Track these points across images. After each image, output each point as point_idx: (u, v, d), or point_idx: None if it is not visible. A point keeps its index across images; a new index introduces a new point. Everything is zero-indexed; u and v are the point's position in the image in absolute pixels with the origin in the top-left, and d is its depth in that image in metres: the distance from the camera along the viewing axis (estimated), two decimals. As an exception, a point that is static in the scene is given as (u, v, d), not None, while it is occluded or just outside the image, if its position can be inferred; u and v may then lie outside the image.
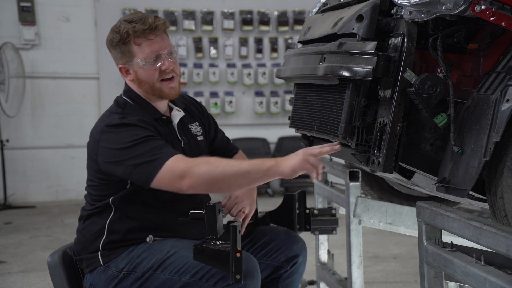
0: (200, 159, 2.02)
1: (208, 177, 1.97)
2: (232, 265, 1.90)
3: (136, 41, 2.12)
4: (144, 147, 2.01)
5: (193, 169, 1.96)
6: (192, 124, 2.32)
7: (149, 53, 2.13)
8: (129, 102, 2.20)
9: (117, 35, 2.14)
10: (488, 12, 1.70)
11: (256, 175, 1.98)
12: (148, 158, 1.99)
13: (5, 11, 7.11)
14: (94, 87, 7.31)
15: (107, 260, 2.12)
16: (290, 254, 2.29)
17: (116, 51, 2.18)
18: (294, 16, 7.69)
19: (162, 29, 2.15)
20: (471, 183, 1.74)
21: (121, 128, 2.06)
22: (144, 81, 2.16)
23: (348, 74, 1.97)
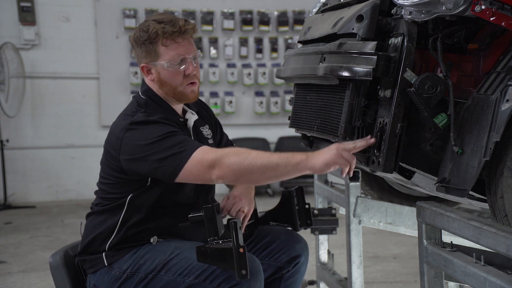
0: (229, 149, 2.03)
1: (237, 168, 1.96)
2: (236, 261, 1.89)
3: (164, 42, 2.12)
4: (170, 141, 2.01)
5: (223, 159, 1.96)
6: (203, 127, 2.33)
7: (175, 55, 2.13)
8: (150, 101, 2.19)
9: (144, 34, 2.13)
10: (488, 12, 1.70)
11: (285, 169, 1.97)
12: (175, 150, 1.99)
13: (5, 11, 7.11)
14: (94, 87, 7.31)
15: (111, 261, 2.12)
16: (292, 254, 2.29)
17: (141, 49, 2.16)
18: (294, 16, 7.70)
19: (190, 33, 2.16)
20: (471, 183, 1.74)
21: (146, 125, 2.05)
22: (166, 83, 2.16)
23: (348, 74, 1.97)
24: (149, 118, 2.07)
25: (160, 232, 2.14)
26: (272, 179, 2.04)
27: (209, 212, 2.01)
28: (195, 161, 1.98)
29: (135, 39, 2.17)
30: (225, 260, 1.93)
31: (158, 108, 2.17)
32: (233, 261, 1.90)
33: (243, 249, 1.90)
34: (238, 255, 1.90)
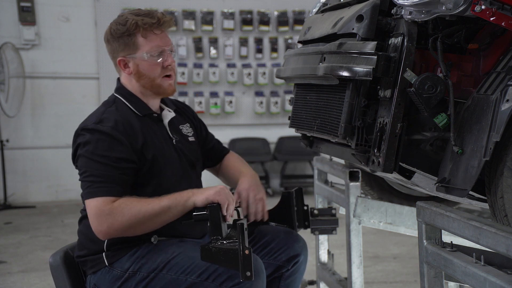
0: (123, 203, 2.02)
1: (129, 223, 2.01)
2: (241, 262, 1.89)
3: (143, 33, 2.14)
4: (97, 169, 2.04)
5: (116, 216, 2.00)
6: (183, 125, 2.35)
7: (154, 46, 2.15)
8: (119, 98, 2.22)
9: (122, 27, 2.15)
10: (488, 12, 1.70)
11: (177, 209, 2.04)
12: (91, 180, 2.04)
13: (5, 11, 7.11)
14: (94, 87, 7.32)
15: (112, 261, 2.12)
16: (292, 254, 2.29)
17: (118, 42, 2.18)
18: (294, 16, 7.70)
19: (167, 26, 2.19)
20: (471, 183, 1.74)
21: (93, 134, 2.07)
22: (144, 75, 2.18)
23: (348, 74, 1.97)
24: (97, 127, 2.08)
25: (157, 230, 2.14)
26: (165, 222, 2.07)
27: (214, 211, 2.01)
28: (93, 206, 2.03)
29: (112, 32, 2.18)
30: (230, 260, 1.93)
31: (129, 103, 2.19)
32: (238, 262, 1.90)
33: (249, 251, 1.90)
34: (243, 256, 1.90)
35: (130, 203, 2.02)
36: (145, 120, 2.20)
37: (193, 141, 2.34)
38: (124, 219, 2.00)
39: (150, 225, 2.05)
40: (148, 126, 2.19)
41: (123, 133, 2.09)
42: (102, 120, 2.11)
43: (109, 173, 2.04)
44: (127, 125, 2.12)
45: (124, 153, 2.07)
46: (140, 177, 2.13)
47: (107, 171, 2.04)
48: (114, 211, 2.01)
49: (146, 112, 2.22)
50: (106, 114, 2.14)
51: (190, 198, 2.04)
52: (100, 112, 2.17)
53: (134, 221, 2.01)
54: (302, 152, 7.24)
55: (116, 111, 2.16)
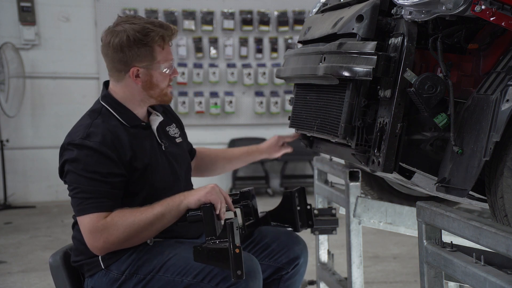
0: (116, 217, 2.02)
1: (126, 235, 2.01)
2: (231, 261, 1.89)
3: (162, 44, 2.13)
4: (84, 185, 2.04)
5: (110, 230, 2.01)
6: (169, 127, 2.33)
7: (169, 59, 2.17)
8: (106, 108, 2.18)
9: (141, 36, 2.09)
10: (488, 12, 1.70)
11: (170, 214, 2.04)
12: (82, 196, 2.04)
13: (5, 11, 7.11)
14: (94, 87, 7.31)
15: (108, 264, 2.11)
16: (292, 256, 2.28)
17: (132, 51, 2.10)
18: (294, 16, 7.69)
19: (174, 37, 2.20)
20: (471, 183, 1.74)
21: (81, 150, 2.05)
22: (156, 86, 2.16)
23: (348, 74, 1.97)
24: (85, 143, 2.05)
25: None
26: (161, 229, 2.07)
27: (207, 211, 2.01)
28: (86, 223, 2.03)
29: (129, 40, 2.08)
30: (221, 260, 1.93)
31: (117, 114, 2.16)
32: (229, 261, 1.90)
33: (239, 249, 1.90)
34: (234, 255, 1.89)
35: (123, 216, 2.02)
36: (133, 130, 2.17)
37: (180, 142, 2.33)
38: (119, 232, 2.01)
39: (146, 234, 2.05)
40: (136, 136, 2.16)
41: (111, 147, 2.07)
42: (89, 134, 2.07)
43: (100, 188, 2.03)
44: (115, 138, 2.09)
45: (113, 168, 2.06)
46: (131, 187, 2.12)
47: (98, 186, 2.03)
48: (108, 226, 2.01)
49: (134, 123, 2.18)
50: (92, 128, 2.09)
51: (183, 202, 2.04)
52: (86, 125, 2.12)
53: (130, 232, 2.02)
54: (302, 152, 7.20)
55: (103, 124, 2.11)
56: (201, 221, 2.02)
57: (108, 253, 2.11)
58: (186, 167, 2.34)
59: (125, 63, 2.12)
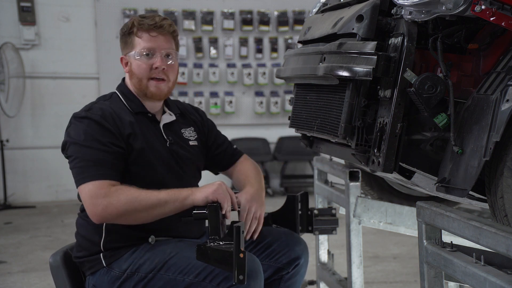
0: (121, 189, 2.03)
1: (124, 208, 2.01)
2: (235, 265, 1.89)
3: (139, 33, 2.19)
4: (85, 153, 2.06)
5: (111, 199, 2.01)
6: (186, 129, 2.35)
7: (145, 46, 2.18)
8: (116, 94, 2.27)
9: (126, 26, 2.23)
10: (488, 12, 1.70)
11: (174, 204, 2.04)
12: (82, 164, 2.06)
13: (5, 11, 7.11)
14: (94, 87, 7.32)
15: (110, 262, 2.12)
16: (292, 256, 2.28)
17: (121, 41, 2.25)
18: (294, 16, 7.70)
19: (167, 29, 2.20)
20: (471, 183, 1.74)
21: (81, 121, 2.12)
22: (134, 74, 2.22)
23: (348, 74, 1.97)
24: (87, 114, 2.13)
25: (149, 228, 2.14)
26: (159, 216, 2.07)
27: (213, 210, 2.01)
28: (88, 190, 2.03)
29: (120, 31, 2.27)
30: (224, 262, 1.93)
31: (125, 100, 2.23)
32: (232, 265, 1.90)
33: (243, 254, 1.90)
34: (237, 260, 1.89)
35: (128, 190, 2.03)
36: (138, 117, 2.22)
37: (194, 145, 2.33)
38: (120, 204, 2.00)
39: (144, 215, 2.04)
40: (140, 121, 2.21)
41: (111, 122, 2.13)
42: (92, 108, 2.16)
43: (101, 157, 2.06)
44: (116, 116, 2.16)
45: (112, 138, 2.10)
46: (129, 166, 2.14)
47: (98, 155, 2.06)
48: (110, 195, 2.01)
49: (139, 110, 2.23)
50: (97, 105, 2.19)
51: (189, 197, 2.04)
52: (92, 103, 2.23)
53: (129, 208, 2.01)
54: (302, 152, 7.24)
55: (109, 104, 2.20)
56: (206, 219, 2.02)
57: (109, 251, 2.12)
58: (193, 168, 2.33)
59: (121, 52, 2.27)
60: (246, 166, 2.45)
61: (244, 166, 2.45)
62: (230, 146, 2.48)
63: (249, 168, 2.44)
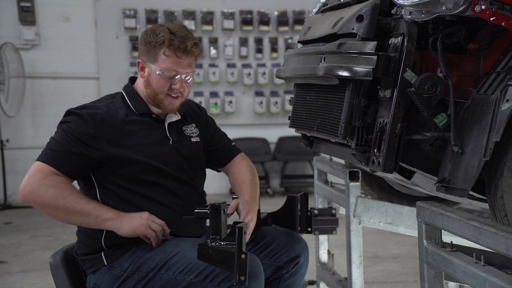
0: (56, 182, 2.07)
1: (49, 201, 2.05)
2: (236, 266, 1.89)
3: (166, 52, 2.18)
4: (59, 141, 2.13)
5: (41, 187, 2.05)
6: (187, 126, 2.36)
7: (170, 68, 2.19)
8: (121, 94, 2.28)
9: (154, 37, 2.19)
10: (488, 12, 1.70)
11: (95, 220, 2.07)
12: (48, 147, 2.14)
13: (5, 11, 7.11)
14: (94, 87, 7.31)
15: (111, 260, 2.13)
16: (292, 255, 2.28)
17: (144, 47, 2.23)
18: (294, 16, 7.69)
19: (194, 55, 2.23)
20: (471, 183, 1.74)
21: (71, 115, 2.18)
22: (151, 86, 2.23)
23: (348, 74, 1.97)
24: (77, 110, 2.18)
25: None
26: (78, 224, 2.14)
27: (215, 210, 2.01)
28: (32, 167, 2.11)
29: (144, 37, 2.24)
30: (225, 263, 1.93)
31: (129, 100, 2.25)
32: (234, 265, 1.90)
33: (245, 255, 1.90)
34: (239, 261, 1.89)
35: (62, 187, 2.06)
36: (141, 118, 2.23)
37: (196, 142, 2.34)
38: (46, 194, 2.04)
39: (63, 217, 2.09)
40: (140, 123, 2.22)
41: (98, 122, 2.14)
42: (86, 107, 2.20)
43: (66, 147, 2.11)
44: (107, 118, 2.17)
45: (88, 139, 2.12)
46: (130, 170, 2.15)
47: (64, 144, 2.11)
48: (44, 183, 2.05)
49: (143, 111, 2.24)
50: (93, 103, 2.23)
51: (112, 221, 2.07)
52: (94, 101, 2.26)
53: (52, 202, 2.05)
54: (302, 152, 7.24)
55: (107, 105, 2.22)
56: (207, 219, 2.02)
57: (111, 250, 2.14)
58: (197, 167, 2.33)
59: (139, 54, 2.28)
60: (241, 169, 2.44)
61: (240, 168, 2.44)
62: (228, 143, 2.48)
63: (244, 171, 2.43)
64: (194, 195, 2.28)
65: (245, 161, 2.48)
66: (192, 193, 2.27)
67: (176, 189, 2.22)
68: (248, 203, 2.23)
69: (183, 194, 2.23)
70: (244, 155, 2.51)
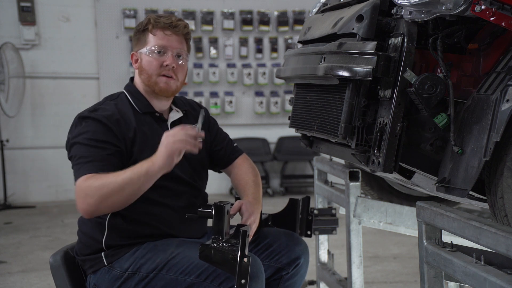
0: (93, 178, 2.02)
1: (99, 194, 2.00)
2: (238, 269, 1.89)
3: (153, 31, 2.21)
4: (86, 152, 2.07)
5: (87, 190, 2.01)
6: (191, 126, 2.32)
7: (158, 43, 2.20)
8: (124, 93, 2.28)
9: (141, 23, 2.25)
10: (488, 12, 1.70)
11: (139, 180, 2.01)
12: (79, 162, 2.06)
13: (5, 11, 7.11)
14: (94, 87, 7.32)
15: (111, 261, 2.12)
16: (292, 256, 2.28)
17: (135, 38, 2.27)
18: (294, 16, 7.70)
19: (181, 30, 2.25)
20: (471, 183, 1.74)
21: (85, 121, 2.13)
22: (144, 70, 2.23)
23: (348, 74, 1.97)
24: (91, 114, 2.13)
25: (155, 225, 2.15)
26: (133, 195, 2.05)
27: (219, 211, 2.01)
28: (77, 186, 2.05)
29: (134, 29, 2.30)
30: (227, 265, 1.92)
31: (132, 99, 2.23)
32: (235, 268, 1.89)
33: (248, 259, 1.90)
34: (241, 264, 1.89)
35: (96, 180, 2.02)
36: (145, 117, 2.23)
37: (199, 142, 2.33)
38: (93, 192, 2.00)
39: (118, 198, 2.02)
40: (146, 122, 2.21)
41: (115, 124, 2.13)
42: (97, 109, 2.17)
43: (95, 154, 2.07)
44: (121, 118, 2.16)
45: (111, 138, 2.10)
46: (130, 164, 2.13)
47: (94, 152, 2.07)
48: (86, 190, 2.02)
49: (146, 110, 2.24)
50: (103, 105, 2.20)
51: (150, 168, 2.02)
52: (99, 103, 2.25)
53: (101, 195, 2.00)
54: (302, 152, 7.24)
55: (115, 105, 2.21)
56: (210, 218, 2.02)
57: (111, 250, 2.13)
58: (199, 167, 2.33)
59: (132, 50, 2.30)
60: (244, 170, 2.44)
61: (242, 170, 2.44)
62: (230, 144, 2.48)
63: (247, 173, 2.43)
64: (196, 196, 2.28)
65: (248, 162, 2.48)
66: (194, 194, 2.27)
67: (179, 190, 2.22)
68: (252, 205, 2.23)
69: (186, 195, 2.23)
70: (246, 156, 2.51)
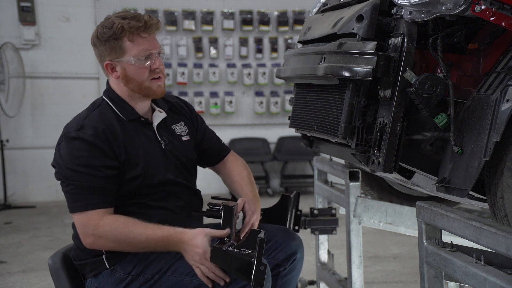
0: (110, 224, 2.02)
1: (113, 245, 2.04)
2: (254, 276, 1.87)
3: (130, 37, 2.11)
4: (80, 180, 2.04)
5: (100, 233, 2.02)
6: (176, 125, 2.31)
7: (141, 50, 2.12)
8: (105, 101, 2.19)
9: (108, 30, 2.12)
10: (488, 12, 1.70)
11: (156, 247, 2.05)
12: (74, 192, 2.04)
13: (5, 11, 7.11)
14: (94, 87, 7.32)
15: (113, 263, 2.10)
16: (289, 252, 2.28)
17: (104, 46, 2.14)
18: (294, 16, 7.70)
19: (155, 28, 2.16)
20: (471, 183, 1.74)
21: (73, 143, 2.06)
22: (132, 79, 2.15)
23: (348, 74, 1.97)
24: (79, 135, 2.06)
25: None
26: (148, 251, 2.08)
27: (228, 212, 2.00)
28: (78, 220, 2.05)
29: (98, 36, 2.15)
30: (241, 270, 1.91)
31: (115, 107, 2.16)
32: (250, 274, 1.88)
33: (264, 267, 1.89)
34: (257, 272, 1.88)
35: (117, 226, 2.02)
36: (131, 124, 2.17)
37: (187, 140, 2.30)
38: (107, 240, 2.02)
39: (129, 250, 2.07)
40: (132, 130, 2.16)
41: (104, 140, 2.07)
42: (83, 126, 2.08)
43: (92, 183, 2.03)
44: (108, 131, 2.09)
45: (106, 160, 2.05)
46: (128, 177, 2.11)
47: (90, 181, 2.03)
48: (99, 228, 2.01)
49: (132, 117, 2.18)
50: (87, 120, 2.11)
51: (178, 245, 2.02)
52: (82, 116, 2.14)
53: (116, 246, 2.04)
54: (302, 152, 7.24)
55: (99, 116, 2.13)
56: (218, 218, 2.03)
57: (113, 252, 2.11)
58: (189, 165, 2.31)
59: (100, 58, 2.17)
60: (237, 167, 2.44)
61: (235, 167, 2.44)
62: (218, 142, 2.47)
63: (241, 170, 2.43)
64: (192, 194, 2.27)
65: (238, 159, 2.48)
66: (190, 193, 2.26)
67: (176, 192, 2.21)
68: (254, 203, 2.24)
69: (182, 195, 2.22)
70: (235, 154, 2.51)
